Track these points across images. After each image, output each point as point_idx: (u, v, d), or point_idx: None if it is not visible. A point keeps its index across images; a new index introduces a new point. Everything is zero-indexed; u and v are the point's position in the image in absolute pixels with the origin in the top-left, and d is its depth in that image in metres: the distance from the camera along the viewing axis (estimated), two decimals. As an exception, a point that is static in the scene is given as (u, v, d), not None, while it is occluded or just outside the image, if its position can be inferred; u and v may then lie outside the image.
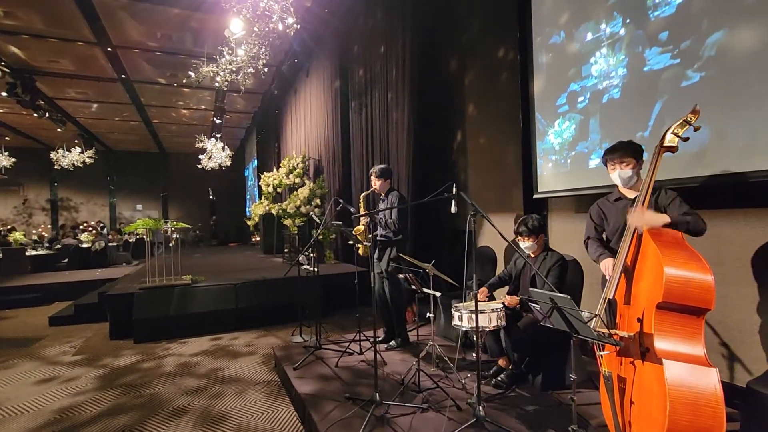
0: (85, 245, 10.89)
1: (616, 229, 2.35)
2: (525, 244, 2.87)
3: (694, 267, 1.79)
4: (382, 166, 3.86)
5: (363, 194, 3.97)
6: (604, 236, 2.50)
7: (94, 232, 12.88)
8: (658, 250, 1.85)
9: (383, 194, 3.84)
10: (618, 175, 2.27)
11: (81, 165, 13.16)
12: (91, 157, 13.17)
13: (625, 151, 2.23)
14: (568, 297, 1.76)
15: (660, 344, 1.78)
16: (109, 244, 11.48)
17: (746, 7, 2.26)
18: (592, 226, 2.48)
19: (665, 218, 1.97)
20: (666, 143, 2.06)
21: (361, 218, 3.61)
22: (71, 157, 12.86)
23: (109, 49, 8.23)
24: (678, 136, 2.05)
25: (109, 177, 18.16)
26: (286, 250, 8.14)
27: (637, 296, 1.99)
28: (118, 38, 7.87)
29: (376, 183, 3.79)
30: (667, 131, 2.07)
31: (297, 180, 8.20)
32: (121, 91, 10.59)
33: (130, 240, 12.80)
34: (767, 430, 1.81)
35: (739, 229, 2.43)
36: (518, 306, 2.84)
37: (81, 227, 14.63)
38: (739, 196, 2.42)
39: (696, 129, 2.04)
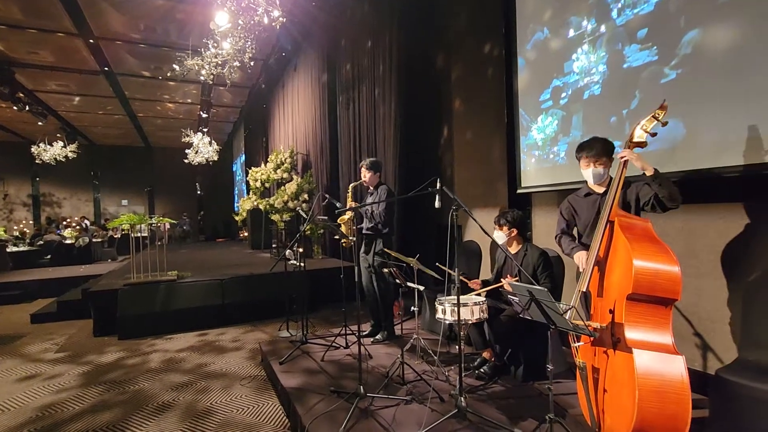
0: (68, 241, 10.72)
1: (587, 224, 2.42)
2: (497, 233, 2.94)
3: (662, 259, 1.86)
4: (373, 159, 3.88)
5: (352, 185, 3.99)
6: (575, 232, 2.58)
7: (78, 228, 12.65)
8: (627, 243, 1.90)
9: (372, 187, 3.86)
10: (591, 172, 2.35)
11: (63, 159, 12.88)
12: (74, 152, 12.89)
13: (602, 150, 2.31)
14: (545, 289, 1.80)
15: (630, 334, 1.84)
16: (94, 240, 11.31)
17: (720, 5, 2.31)
18: (563, 223, 2.56)
19: (650, 169, 2.05)
20: (635, 138, 2.12)
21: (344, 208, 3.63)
22: (53, 151, 12.58)
23: (91, 41, 8.06)
24: (647, 132, 2.10)
25: (93, 172, 17.83)
26: (273, 246, 8.12)
27: (609, 288, 2.04)
28: (99, 29, 7.70)
29: (365, 175, 3.81)
30: (635, 127, 2.13)
31: (285, 175, 8.16)
32: (104, 83, 10.38)
33: (116, 236, 12.62)
34: (734, 416, 1.88)
35: (712, 223, 2.50)
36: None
37: (64, 223, 14.36)
38: (712, 191, 2.49)
39: (663, 124, 2.08)
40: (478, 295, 2.91)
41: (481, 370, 2.89)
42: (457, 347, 3.39)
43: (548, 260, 2.85)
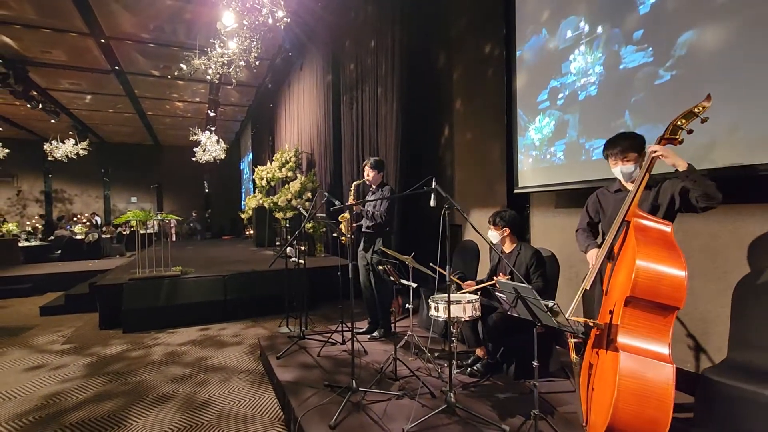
0: (78, 237, 10.93)
1: (611, 221, 2.24)
2: (491, 232, 2.97)
3: (668, 264, 1.78)
4: (377, 158, 3.93)
5: (354, 183, 4.04)
6: (599, 228, 2.45)
7: (88, 224, 12.89)
8: (636, 245, 1.85)
9: (374, 186, 3.91)
10: (620, 170, 2.19)
11: (75, 157, 13.12)
12: (85, 149, 13.13)
13: (627, 146, 2.15)
14: (529, 287, 1.83)
15: (622, 337, 1.82)
16: (103, 236, 11.52)
17: (714, 7, 2.32)
18: (586, 219, 2.45)
19: (683, 164, 1.92)
20: (669, 135, 1.97)
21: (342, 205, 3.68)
22: (65, 148, 12.82)
23: (102, 41, 8.21)
24: (682, 128, 1.95)
25: (103, 169, 18.12)
26: (277, 243, 8.21)
27: (613, 289, 2.01)
28: (110, 29, 7.85)
29: (369, 174, 3.85)
30: (672, 122, 1.99)
31: (289, 173, 8.24)
32: (114, 82, 10.56)
33: (124, 232, 12.83)
34: (718, 415, 1.89)
35: (706, 224, 2.50)
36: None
37: (74, 219, 14.63)
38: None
39: (703, 121, 1.92)
40: (473, 293, 2.94)
41: (474, 367, 2.92)
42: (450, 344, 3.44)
43: (541, 259, 2.87)
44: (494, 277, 2.98)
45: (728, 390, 1.86)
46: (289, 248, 4.49)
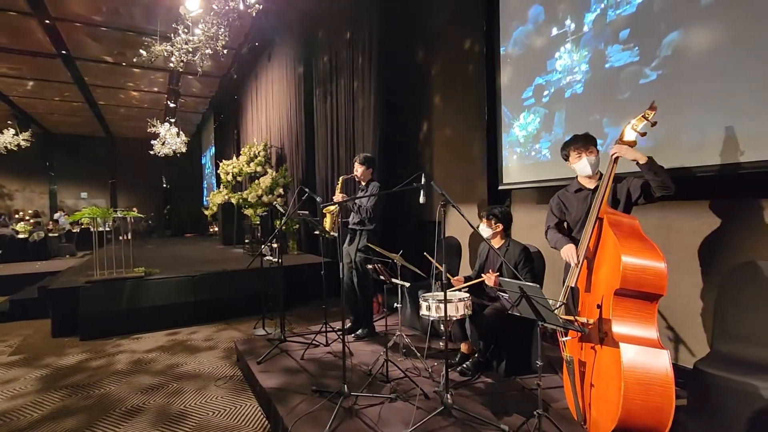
0: (21, 236, 10.01)
1: (578, 219, 2.44)
2: (482, 228, 2.94)
3: (649, 256, 1.91)
4: (367, 154, 3.83)
5: (342, 177, 3.90)
6: (565, 225, 2.59)
7: (31, 221, 11.84)
8: (616, 239, 1.95)
9: (363, 183, 3.79)
10: (586, 162, 2.36)
11: (15, 149, 12.02)
12: (27, 140, 12.05)
13: (588, 140, 2.38)
14: (537, 286, 1.80)
15: (617, 328, 1.88)
16: (50, 234, 10.63)
17: (700, 9, 2.38)
18: (554, 219, 2.57)
19: (643, 157, 2.09)
20: (625, 138, 2.18)
21: (333, 202, 3.56)
22: (4, 139, 11.72)
23: (47, 22, 7.50)
24: (636, 131, 2.16)
25: (48, 162, 16.74)
26: (247, 241, 7.89)
27: (596, 284, 2.09)
28: (57, 9, 7.18)
29: (358, 170, 3.74)
30: (626, 126, 2.18)
31: (258, 168, 7.91)
32: (61, 68, 9.71)
33: (74, 230, 11.92)
34: (713, 407, 1.95)
35: (688, 220, 2.59)
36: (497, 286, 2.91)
37: (17, 216, 13.44)
38: (689, 189, 2.57)
39: (653, 124, 2.14)
40: (460, 290, 2.90)
41: (464, 365, 2.89)
42: (438, 343, 3.40)
43: (529, 255, 2.88)
44: (482, 274, 2.95)
45: (721, 381, 1.91)
46: (264, 246, 4.30)
